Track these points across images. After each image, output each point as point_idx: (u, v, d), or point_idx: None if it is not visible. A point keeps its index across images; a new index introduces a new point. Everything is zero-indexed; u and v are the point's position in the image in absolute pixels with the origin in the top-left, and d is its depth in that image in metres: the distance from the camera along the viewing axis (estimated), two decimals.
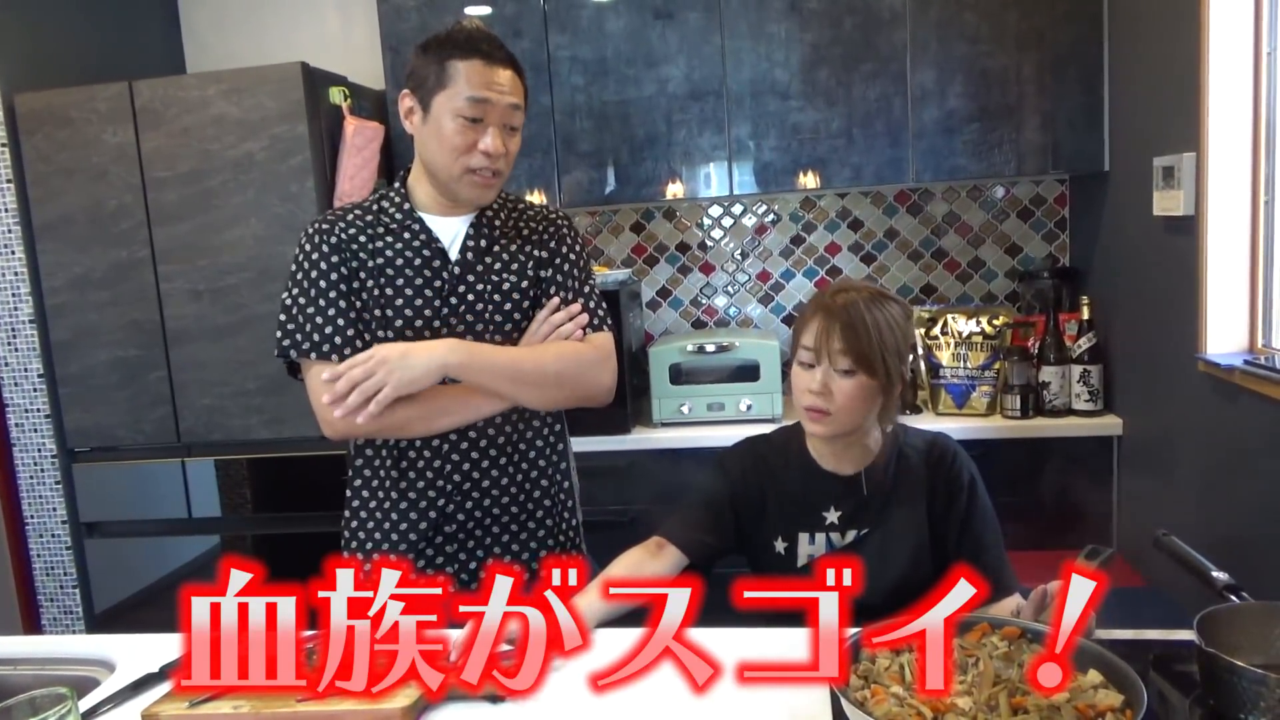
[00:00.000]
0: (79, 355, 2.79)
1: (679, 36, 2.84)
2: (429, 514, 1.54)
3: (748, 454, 1.61)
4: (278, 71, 2.60)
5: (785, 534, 1.54)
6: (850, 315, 1.43)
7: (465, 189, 1.48)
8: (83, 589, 2.93)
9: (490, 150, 1.44)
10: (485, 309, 1.52)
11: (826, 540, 1.52)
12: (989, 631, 1.15)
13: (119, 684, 1.30)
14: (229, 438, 2.77)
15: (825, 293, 1.49)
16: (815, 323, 1.45)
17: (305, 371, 1.51)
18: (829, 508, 1.53)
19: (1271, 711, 0.98)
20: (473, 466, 1.55)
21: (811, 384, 1.45)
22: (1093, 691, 1.02)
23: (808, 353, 1.46)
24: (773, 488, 1.56)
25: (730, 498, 1.57)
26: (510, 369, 1.47)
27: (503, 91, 1.44)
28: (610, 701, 1.18)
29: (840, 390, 1.43)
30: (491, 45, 1.45)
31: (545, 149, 2.94)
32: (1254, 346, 2.07)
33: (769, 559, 1.54)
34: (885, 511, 1.51)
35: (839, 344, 1.42)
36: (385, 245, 1.51)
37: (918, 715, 1.00)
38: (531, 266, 1.56)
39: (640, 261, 3.35)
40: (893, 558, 1.49)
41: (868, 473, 1.52)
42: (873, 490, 1.52)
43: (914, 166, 2.80)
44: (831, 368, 1.43)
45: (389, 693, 1.18)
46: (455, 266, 1.52)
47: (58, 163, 2.71)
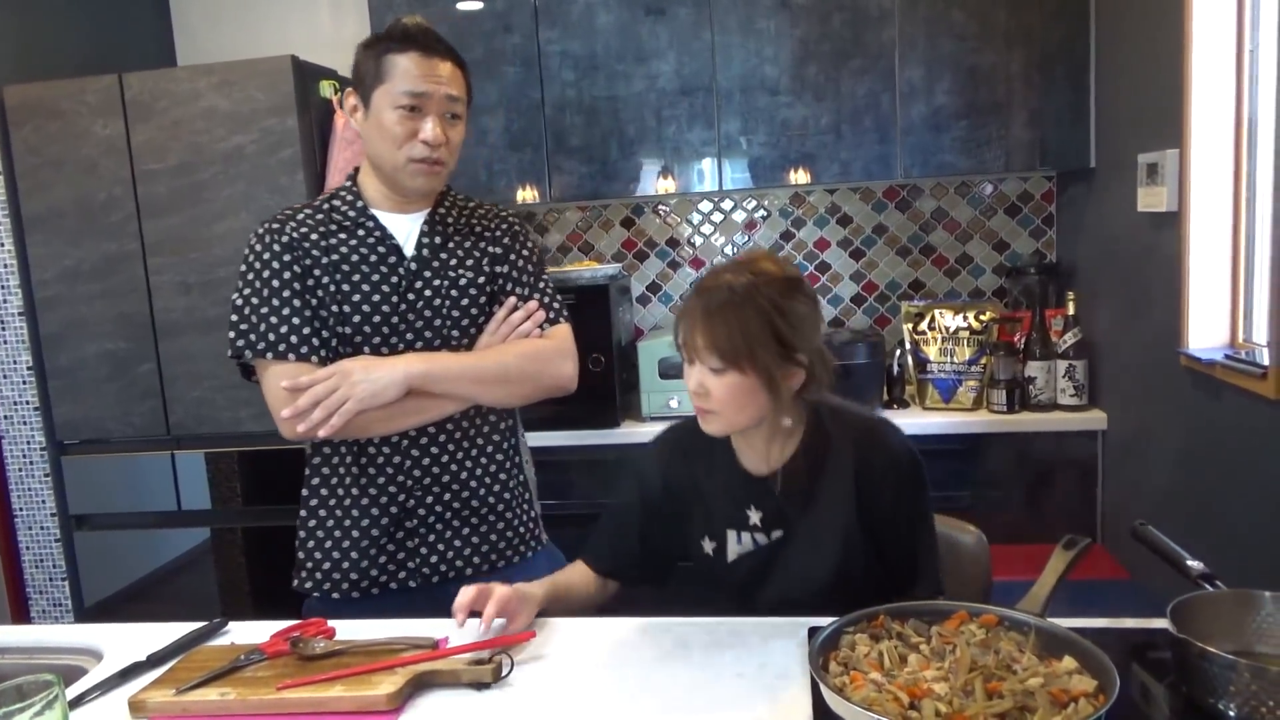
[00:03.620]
0: (68, 348, 2.79)
1: (669, 32, 2.85)
2: (390, 509, 1.54)
3: (672, 451, 1.53)
4: (268, 65, 2.60)
5: (713, 533, 1.47)
6: (712, 310, 1.32)
7: (409, 178, 1.49)
8: (72, 581, 2.93)
9: (430, 139, 1.46)
10: (443, 305, 1.54)
11: (752, 540, 1.44)
12: (967, 619, 1.17)
13: (106, 673, 1.31)
14: (218, 430, 2.78)
15: (699, 283, 1.38)
16: (683, 319, 1.36)
17: (262, 372, 1.49)
18: (750, 506, 1.44)
19: (1240, 695, 1.00)
20: (433, 461, 1.55)
21: (689, 383, 1.36)
22: (1067, 677, 1.04)
23: (679, 350, 1.38)
24: (697, 486, 1.49)
25: (654, 508, 1.51)
26: (473, 373, 1.51)
27: (440, 82, 1.46)
28: (593, 691, 1.19)
29: (716, 389, 1.34)
30: (428, 38, 1.48)
31: (535, 144, 2.95)
32: (1235, 341, 2.09)
33: (700, 558, 1.49)
34: (807, 510, 1.41)
35: (702, 340, 1.32)
36: (339, 243, 1.52)
37: (895, 701, 1.01)
38: (486, 263, 1.58)
39: (630, 256, 3.36)
40: (821, 555, 1.40)
41: (783, 473, 1.41)
42: (790, 490, 1.41)
43: (902, 163, 2.81)
44: (704, 365, 1.34)
45: (374, 680, 1.19)
46: (411, 263, 1.53)
47: (47, 155, 2.71)
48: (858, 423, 1.44)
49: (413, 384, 1.46)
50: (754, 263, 1.36)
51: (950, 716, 0.98)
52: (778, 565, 1.43)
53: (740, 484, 1.45)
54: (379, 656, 1.26)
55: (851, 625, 1.16)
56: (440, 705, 1.17)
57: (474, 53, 2.90)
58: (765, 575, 1.44)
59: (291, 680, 1.21)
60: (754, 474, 1.44)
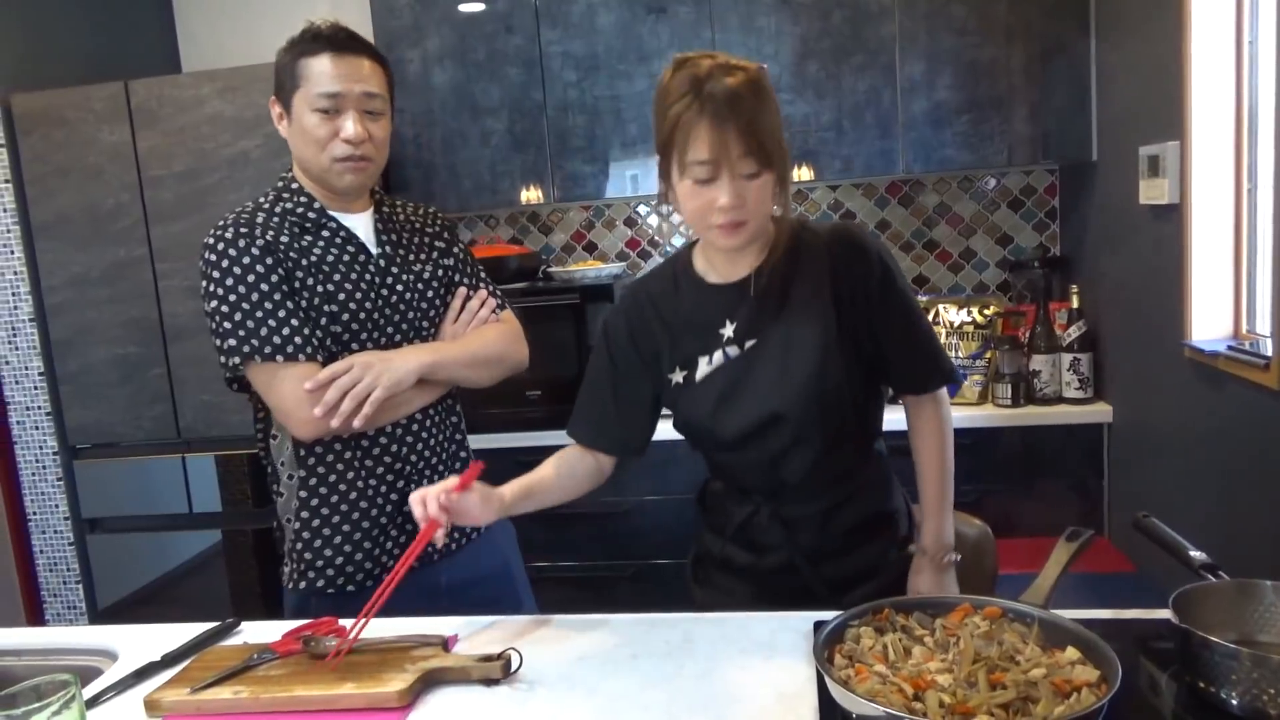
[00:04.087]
0: (79, 353, 2.82)
1: (670, 31, 2.86)
2: (390, 496, 1.58)
3: (632, 305, 1.48)
4: (270, 70, 2.60)
5: (682, 364, 1.43)
6: (741, 112, 1.24)
7: (336, 178, 1.52)
8: (85, 584, 2.96)
9: (350, 137, 1.48)
10: (411, 298, 1.60)
11: (723, 355, 1.40)
12: (971, 612, 1.18)
13: (121, 673, 1.32)
14: (228, 433, 2.80)
15: (692, 84, 1.26)
16: (704, 130, 1.25)
17: (269, 376, 1.48)
18: (724, 322, 1.40)
19: (1242, 684, 1.01)
20: (424, 446, 1.62)
21: (722, 200, 1.27)
22: (1069, 667, 1.05)
23: (704, 167, 1.27)
24: (664, 329, 1.44)
25: (624, 370, 1.48)
26: (467, 358, 1.61)
27: (355, 80, 1.48)
28: (601, 686, 1.20)
29: (751, 196, 1.28)
30: (340, 37, 1.50)
31: (538, 144, 2.96)
32: (1238, 332, 2.10)
33: (669, 394, 1.45)
34: (783, 311, 1.38)
35: (738, 148, 1.25)
36: (310, 244, 1.53)
37: (899, 692, 1.02)
38: (436, 256, 1.66)
39: (634, 255, 3.38)
40: (796, 359, 1.36)
41: (756, 275, 1.38)
42: (763, 291, 1.38)
43: (904, 158, 2.82)
44: (736, 175, 1.26)
45: (385, 677, 1.21)
46: (380, 260, 1.58)
47: (55, 162, 2.74)
48: (828, 228, 1.43)
49: (424, 372, 1.53)
50: (727, 61, 1.29)
51: (954, 707, 0.99)
52: (752, 375, 1.38)
53: (712, 300, 1.41)
54: (389, 654, 1.28)
55: (856, 618, 1.17)
56: (450, 701, 1.19)
57: (476, 54, 2.92)
58: (737, 389, 1.39)
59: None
60: (727, 283, 1.41)
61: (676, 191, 1.32)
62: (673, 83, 1.29)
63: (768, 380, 1.38)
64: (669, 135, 1.28)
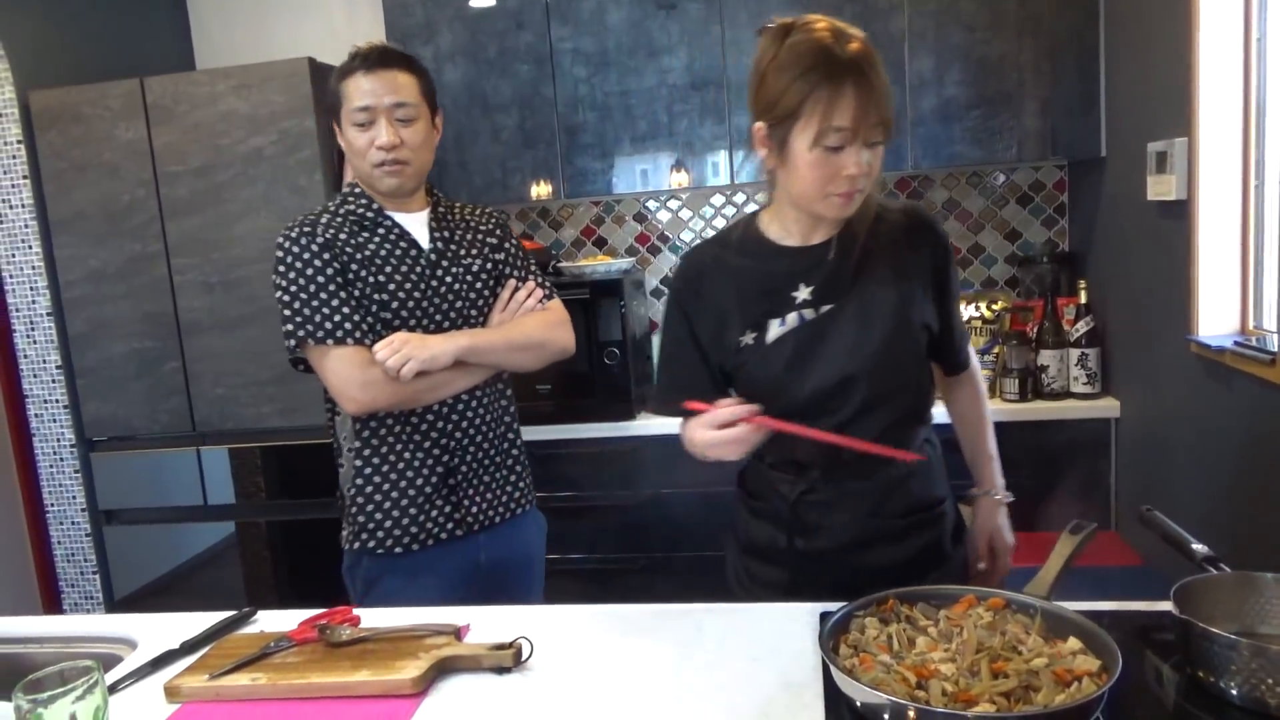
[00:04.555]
0: (95, 347, 2.86)
1: (680, 27, 2.87)
2: (437, 469, 1.73)
3: (696, 270, 1.47)
4: (285, 67, 2.65)
5: (754, 324, 1.41)
6: (877, 77, 1.24)
7: (379, 182, 1.69)
8: (102, 575, 3.00)
9: (383, 143, 1.64)
10: (461, 289, 1.75)
11: (799, 317, 1.39)
12: (974, 603, 1.20)
13: (141, 660, 1.35)
14: (242, 426, 2.84)
15: (824, 51, 1.24)
16: (850, 95, 1.23)
17: (322, 357, 1.65)
18: (798, 286, 1.39)
19: (1242, 674, 1.02)
20: (469, 424, 1.76)
21: (850, 168, 1.26)
22: (1071, 657, 1.06)
23: (840, 134, 1.25)
24: (733, 289, 1.43)
25: (701, 326, 1.45)
26: (506, 343, 1.74)
27: (384, 92, 1.64)
28: (611, 674, 1.23)
29: (873, 164, 1.29)
30: (373, 56, 1.65)
31: (549, 140, 2.98)
32: (1245, 328, 2.10)
33: (737, 354, 1.43)
34: (860, 278, 1.38)
35: (876, 116, 1.25)
36: (366, 240, 1.70)
37: (903, 681, 1.04)
38: (488, 251, 1.80)
39: (644, 250, 3.40)
40: (873, 325, 1.37)
41: (840, 239, 1.39)
42: (844, 256, 1.38)
43: (913, 154, 2.83)
44: (864, 144, 1.26)
45: (399, 664, 1.23)
46: (431, 254, 1.73)
47: (71, 159, 2.77)
48: (901, 205, 1.46)
49: (461, 355, 1.67)
50: (842, 27, 1.28)
51: (956, 696, 1.01)
52: (828, 339, 1.38)
53: (785, 263, 1.40)
54: (403, 642, 1.30)
55: (861, 609, 1.19)
56: (463, 689, 1.21)
57: (487, 51, 2.94)
58: (812, 351, 1.39)
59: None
60: (805, 245, 1.41)
61: (793, 159, 1.30)
62: (791, 49, 1.27)
63: (844, 344, 1.38)
64: (797, 102, 1.25)
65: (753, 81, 1.32)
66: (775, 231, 1.43)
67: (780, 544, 1.48)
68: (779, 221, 1.42)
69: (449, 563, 1.75)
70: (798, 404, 1.38)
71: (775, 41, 1.29)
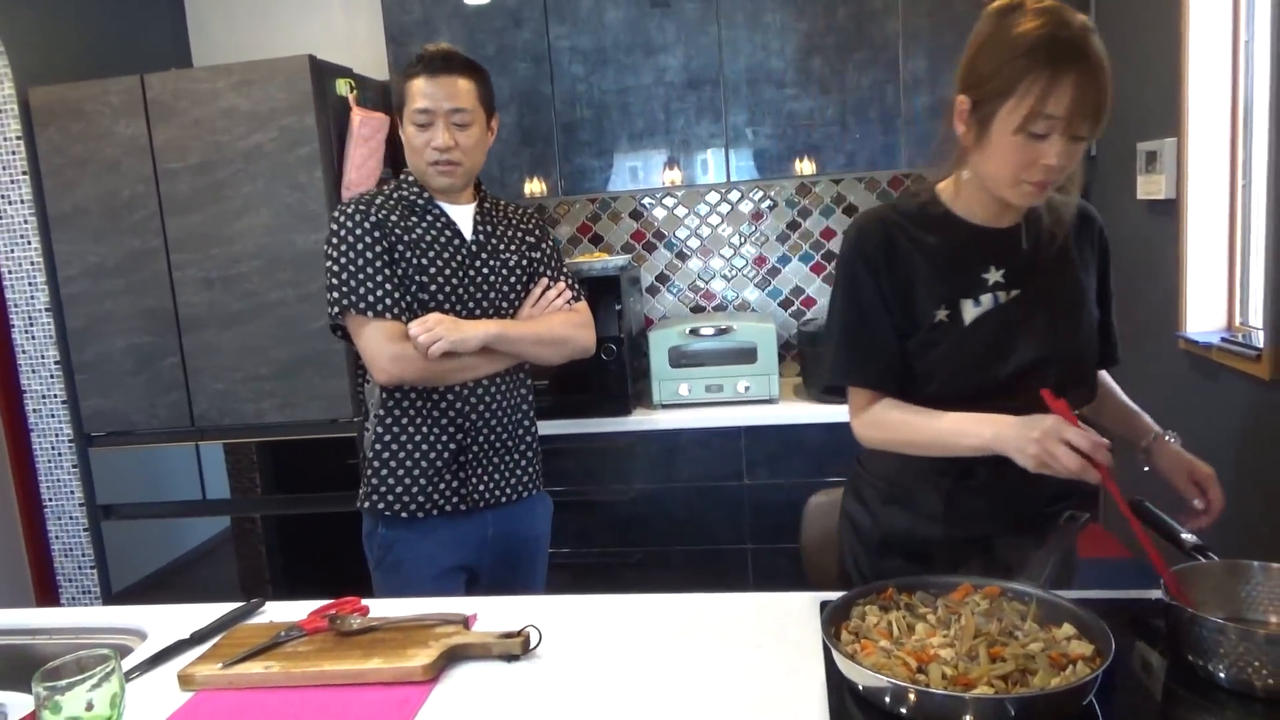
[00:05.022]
0: (94, 342, 2.86)
1: (676, 26, 2.90)
2: (450, 445, 1.84)
3: (880, 235, 1.39)
4: (286, 64, 2.66)
5: (947, 300, 1.36)
6: (1099, 65, 1.19)
7: (432, 179, 1.81)
8: (100, 569, 3.01)
9: (439, 145, 1.76)
10: (496, 280, 1.86)
11: (993, 299, 1.36)
12: (971, 591, 1.23)
13: (152, 650, 1.37)
14: (241, 421, 2.85)
15: (1052, 34, 1.19)
16: (1069, 84, 1.18)
17: (361, 327, 1.76)
18: (988, 267, 1.36)
19: (1230, 657, 1.06)
20: (485, 407, 1.85)
21: (1051, 160, 1.22)
22: (1065, 642, 1.10)
23: (1048, 121, 1.20)
24: (920, 258, 1.37)
25: (882, 297, 1.38)
26: (532, 336, 1.85)
27: (445, 98, 1.75)
28: (617, 662, 1.26)
29: (1073, 158, 1.25)
30: (436, 61, 1.76)
31: (546, 138, 3.01)
32: (1231, 324, 2.15)
33: (928, 329, 1.37)
34: (1049, 263, 1.38)
35: (1090, 109, 1.20)
36: (414, 224, 1.81)
37: (904, 665, 1.07)
38: (525, 249, 1.91)
39: (639, 247, 3.42)
40: (1065, 311, 1.38)
41: (1028, 224, 1.37)
42: (1034, 242, 1.37)
43: (906, 152, 2.86)
44: (1069, 137, 1.22)
45: (410, 652, 1.26)
46: (472, 245, 1.84)
47: (71, 155, 2.78)
48: (1063, 195, 1.40)
49: (489, 341, 1.78)
50: (1073, 13, 1.23)
51: (955, 679, 1.04)
52: (1026, 323, 1.36)
53: (975, 242, 1.37)
54: (413, 631, 1.33)
55: (861, 597, 1.22)
56: (472, 676, 1.24)
57: (485, 49, 2.96)
58: (1012, 334, 1.36)
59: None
60: (996, 227, 1.38)
61: (993, 140, 1.26)
62: (1013, 27, 1.22)
63: (1041, 328, 1.36)
64: (1011, 83, 1.21)
65: (967, 55, 1.28)
66: (962, 207, 1.38)
67: (931, 534, 1.43)
68: (964, 198, 1.38)
69: (457, 533, 1.85)
70: (994, 385, 1.36)
71: (997, 17, 1.25)
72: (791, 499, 2.01)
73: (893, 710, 1.03)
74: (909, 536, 1.45)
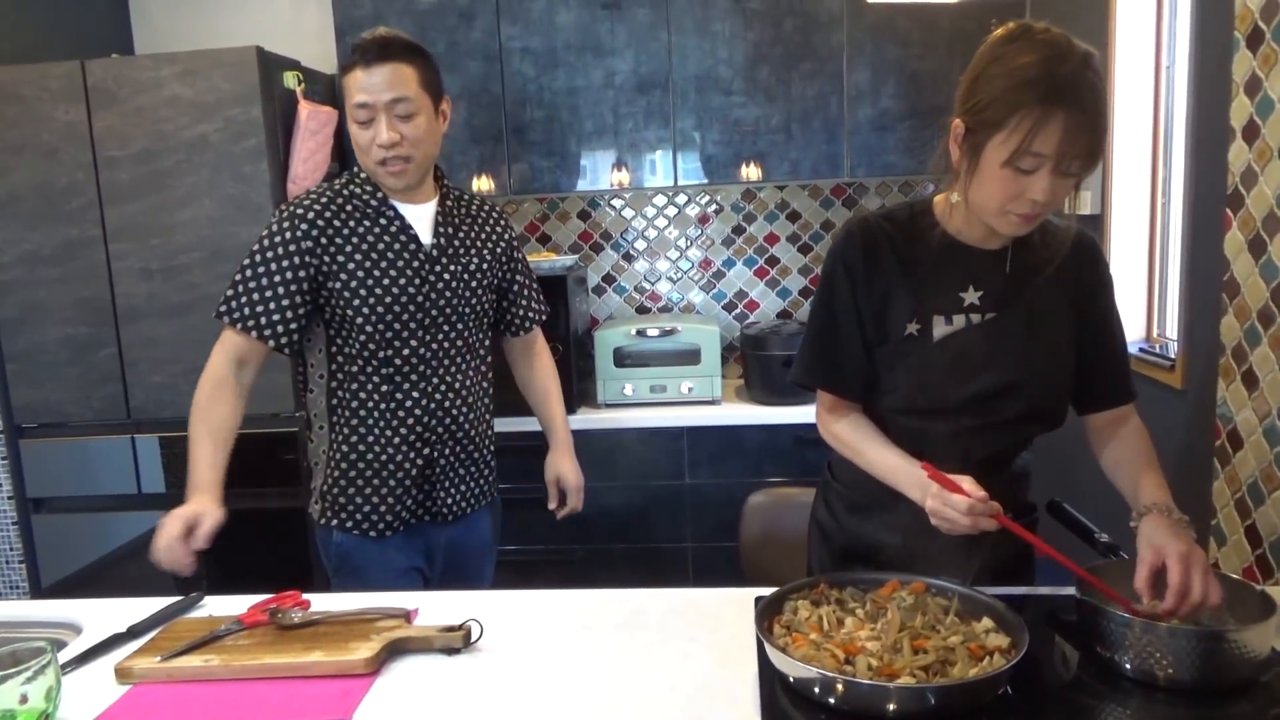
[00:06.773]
0: (27, 332, 2.80)
1: (627, 30, 2.93)
2: (417, 461, 1.76)
3: (869, 241, 1.40)
4: (232, 55, 2.63)
5: (919, 316, 1.38)
6: (1093, 106, 1.17)
7: (384, 179, 1.68)
8: (29, 564, 2.94)
9: (383, 142, 1.62)
10: (458, 286, 1.74)
11: (965, 320, 1.37)
12: (898, 587, 1.29)
13: (87, 644, 1.36)
14: (179, 414, 2.80)
15: (1050, 69, 1.17)
16: (1059, 122, 1.16)
17: (221, 336, 1.68)
18: (967, 287, 1.37)
19: (1134, 648, 1.13)
20: (451, 420, 1.78)
21: (1038, 193, 1.20)
22: (984, 635, 1.16)
23: (1036, 159, 1.19)
24: (900, 270, 1.38)
25: (856, 304, 1.40)
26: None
27: (381, 88, 1.61)
28: (557, 655, 1.29)
29: (1060, 194, 1.23)
30: (372, 50, 1.61)
31: (495, 136, 3.02)
32: (1150, 335, 2.25)
33: (898, 340, 1.39)
34: (1029, 290, 1.36)
35: (1080, 149, 1.18)
36: (366, 230, 1.69)
37: (832, 657, 1.12)
38: (488, 252, 1.80)
39: (586, 248, 3.45)
40: (1039, 336, 1.37)
41: (1015, 248, 1.36)
42: (1018, 267, 1.36)
43: (849, 162, 2.94)
44: (1058, 172, 1.20)
45: (352, 646, 1.27)
46: (432, 250, 1.72)
47: (7, 140, 2.71)
48: (1070, 227, 1.40)
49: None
50: (1079, 46, 1.21)
51: (880, 670, 1.09)
52: (994, 346, 1.37)
53: (960, 261, 1.37)
54: (354, 625, 1.34)
55: (794, 592, 1.27)
56: (414, 669, 1.26)
57: (436, 46, 2.96)
58: (977, 356, 1.37)
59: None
60: (982, 248, 1.37)
61: (982, 168, 1.24)
62: (1012, 58, 1.21)
63: (1010, 354, 1.36)
64: (1003, 116, 1.19)
65: (967, 77, 1.27)
66: (951, 225, 1.38)
67: (894, 542, 1.45)
68: (956, 216, 1.37)
69: (414, 544, 1.81)
70: (953, 405, 1.38)
71: (1000, 44, 1.24)
72: (731, 498, 2.05)
73: (821, 700, 1.08)
74: (874, 544, 1.48)
